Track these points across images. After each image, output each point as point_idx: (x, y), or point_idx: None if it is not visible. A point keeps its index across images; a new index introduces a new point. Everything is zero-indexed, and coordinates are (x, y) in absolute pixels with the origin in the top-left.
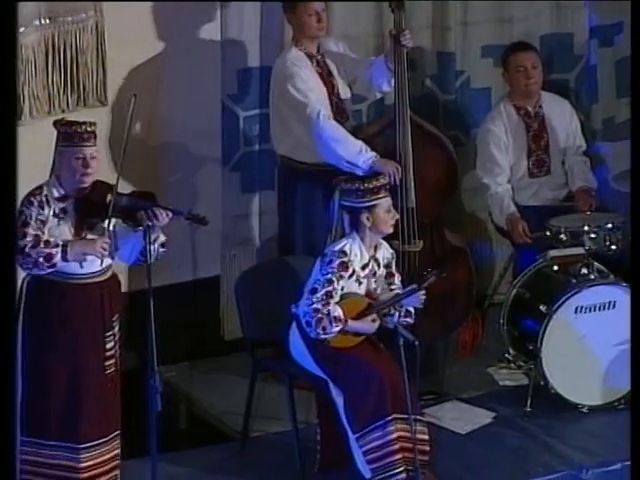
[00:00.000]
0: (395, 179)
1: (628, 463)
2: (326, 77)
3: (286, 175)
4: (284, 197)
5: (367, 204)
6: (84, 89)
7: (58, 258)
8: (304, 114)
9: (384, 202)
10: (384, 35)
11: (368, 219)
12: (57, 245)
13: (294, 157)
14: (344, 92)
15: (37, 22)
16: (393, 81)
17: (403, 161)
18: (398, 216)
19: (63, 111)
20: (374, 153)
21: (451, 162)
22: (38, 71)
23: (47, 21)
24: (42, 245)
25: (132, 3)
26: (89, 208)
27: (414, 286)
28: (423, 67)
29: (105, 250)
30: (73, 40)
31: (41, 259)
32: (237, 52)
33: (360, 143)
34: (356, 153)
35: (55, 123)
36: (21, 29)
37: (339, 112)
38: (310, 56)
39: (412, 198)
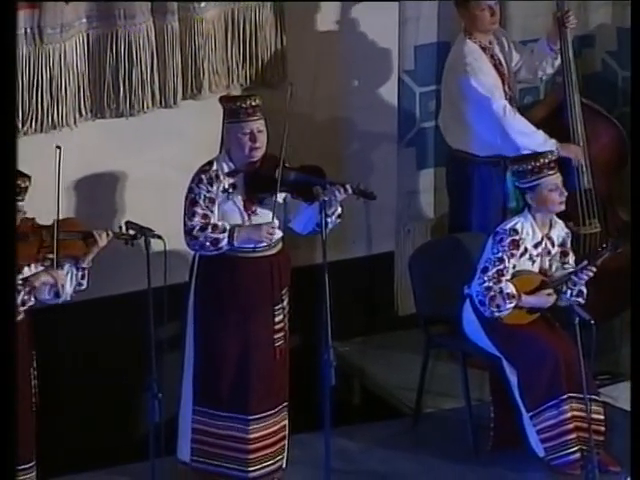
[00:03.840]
0: (579, 161)
1: None
2: (499, 68)
3: (459, 166)
4: (455, 183)
5: (528, 184)
6: (262, 64)
7: (224, 243)
8: (489, 110)
9: (547, 181)
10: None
11: (532, 199)
12: (224, 230)
13: (469, 151)
14: (513, 82)
15: None
16: (556, 62)
17: (577, 142)
18: (566, 193)
19: (242, 85)
20: (554, 140)
21: (620, 138)
22: (218, 46)
23: None
24: (210, 230)
25: None
26: (258, 182)
27: (586, 263)
28: (603, 43)
29: (271, 235)
30: (252, 15)
31: (208, 243)
32: (414, 28)
33: (542, 133)
34: (541, 144)
35: (221, 100)
36: (202, 4)
37: (511, 103)
38: (483, 48)
39: (588, 179)
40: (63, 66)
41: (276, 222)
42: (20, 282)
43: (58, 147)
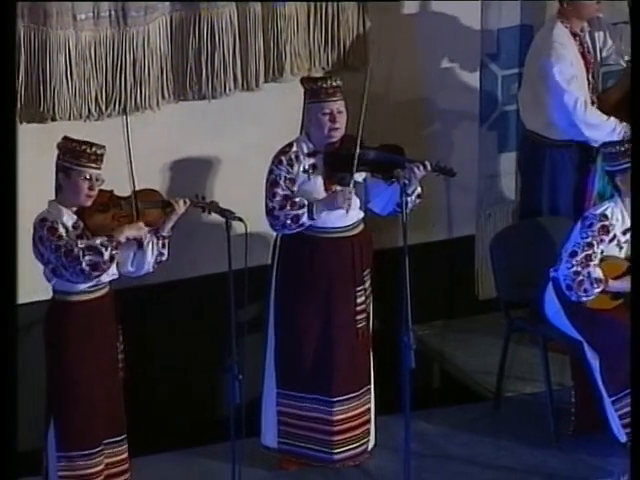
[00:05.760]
0: None
1: None
2: (587, 56)
3: (532, 147)
4: (527, 164)
5: (619, 167)
6: (344, 47)
7: (305, 219)
8: (561, 99)
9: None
10: None
11: (623, 182)
12: (303, 206)
13: (543, 134)
14: (597, 70)
15: None
16: None
17: None
18: None
19: (323, 69)
20: (625, 124)
21: None
22: (300, 29)
23: None
24: (289, 207)
25: None
26: (338, 162)
27: None
28: None
29: (349, 200)
30: None
31: (288, 221)
32: (497, 11)
33: (613, 121)
34: (610, 132)
35: (302, 80)
36: None
37: (592, 92)
38: (574, 34)
39: None
40: (146, 49)
41: (352, 188)
42: (105, 239)
43: (124, 113)
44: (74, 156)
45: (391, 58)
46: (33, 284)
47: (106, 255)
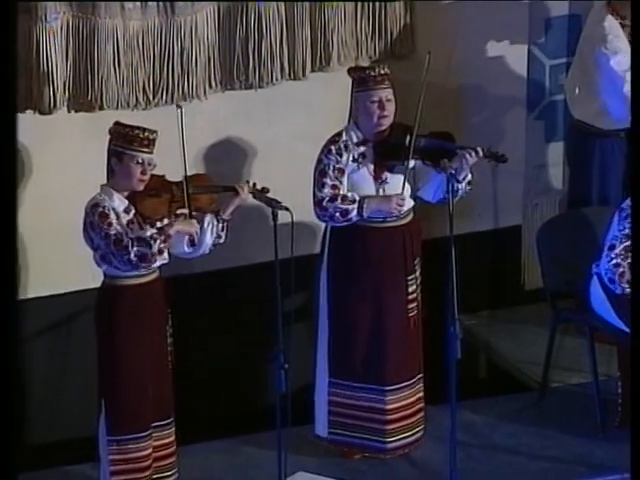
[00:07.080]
0: None
1: None
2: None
3: (580, 137)
4: (575, 154)
5: None
6: (391, 36)
7: (354, 214)
8: (621, 90)
9: None
10: None
11: None
12: (354, 201)
13: (592, 123)
14: None
15: None
16: None
17: None
18: None
19: (370, 58)
20: None
21: None
22: (347, 18)
23: None
24: (339, 201)
25: None
26: (388, 151)
27: None
28: None
29: (401, 206)
30: None
31: (337, 214)
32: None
33: None
34: None
35: (349, 70)
36: None
37: None
38: (622, 25)
39: None
40: (194, 38)
41: (406, 193)
42: (155, 232)
43: (179, 107)
44: (127, 141)
45: (439, 47)
46: (83, 271)
47: (155, 248)
